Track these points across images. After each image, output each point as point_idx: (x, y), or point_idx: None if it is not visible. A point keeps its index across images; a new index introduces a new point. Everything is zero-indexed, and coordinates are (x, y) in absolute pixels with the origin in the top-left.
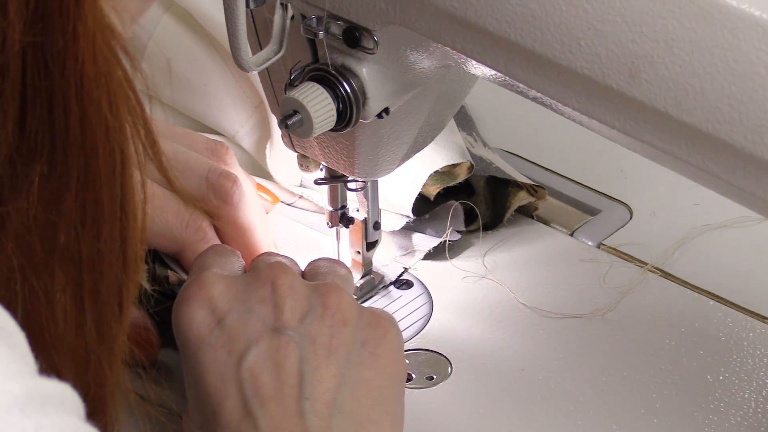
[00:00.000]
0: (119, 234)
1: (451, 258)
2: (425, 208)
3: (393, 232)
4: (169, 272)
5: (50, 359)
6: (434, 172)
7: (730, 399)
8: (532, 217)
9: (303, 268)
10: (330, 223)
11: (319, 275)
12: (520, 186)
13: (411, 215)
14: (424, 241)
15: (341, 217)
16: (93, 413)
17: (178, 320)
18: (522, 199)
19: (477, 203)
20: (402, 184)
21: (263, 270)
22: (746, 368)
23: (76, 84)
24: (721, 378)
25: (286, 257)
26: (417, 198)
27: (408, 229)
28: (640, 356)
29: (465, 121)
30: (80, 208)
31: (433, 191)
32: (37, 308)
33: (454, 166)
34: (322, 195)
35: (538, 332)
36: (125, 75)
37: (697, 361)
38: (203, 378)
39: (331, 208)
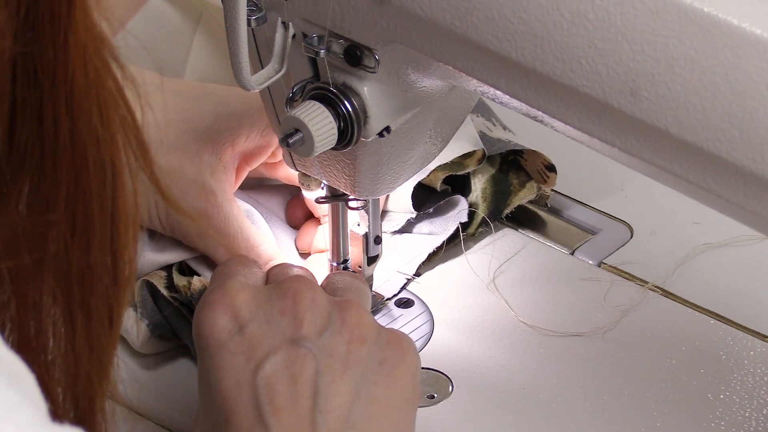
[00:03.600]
0: (110, 247)
1: (451, 278)
2: (426, 198)
3: (394, 236)
4: (195, 278)
5: (40, 372)
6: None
7: (730, 418)
8: (546, 206)
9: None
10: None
11: (338, 291)
12: (523, 183)
13: (413, 212)
14: (424, 244)
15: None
16: (82, 427)
17: (199, 323)
18: (524, 197)
19: (475, 199)
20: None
21: (286, 282)
22: (747, 387)
23: (66, 94)
24: (721, 396)
25: (303, 268)
26: (419, 188)
27: (409, 225)
28: (640, 375)
29: (483, 108)
30: (70, 219)
31: (440, 176)
32: (26, 321)
33: (464, 156)
34: (323, 223)
35: (539, 351)
36: (116, 85)
37: (697, 379)
38: (219, 382)
39: (334, 263)
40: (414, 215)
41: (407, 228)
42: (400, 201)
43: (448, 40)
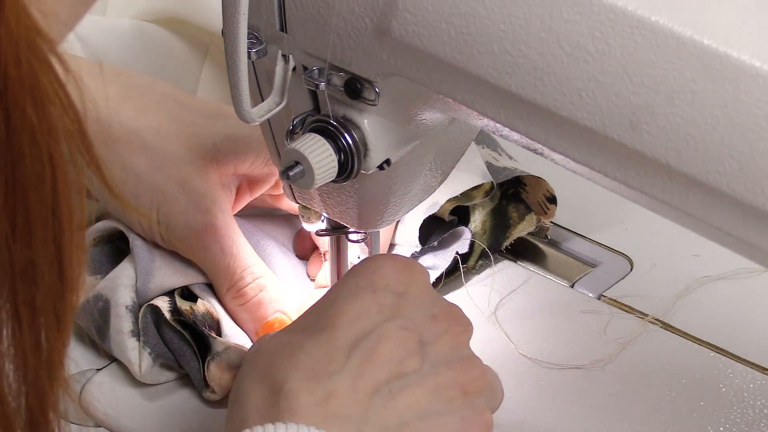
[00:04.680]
0: (52, 241)
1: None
2: (432, 228)
3: None
4: (199, 302)
5: None
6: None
7: None
8: (546, 237)
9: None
10: None
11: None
12: (522, 216)
13: (419, 245)
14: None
15: None
16: (33, 427)
17: (370, 263)
18: (523, 229)
19: (474, 231)
20: (419, 210)
21: (460, 311)
22: (747, 419)
23: None
24: (721, 429)
25: None
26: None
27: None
28: (640, 407)
29: (489, 140)
30: (9, 214)
31: (448, 207)
32: None
33: (473, 189)
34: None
35: (538, 383)
36: (55, 78)
37: (697, 412)
38: (344, 303)
39: None
40: (419, 249)
41: None
42: (407, 234)
43: (449, 73)
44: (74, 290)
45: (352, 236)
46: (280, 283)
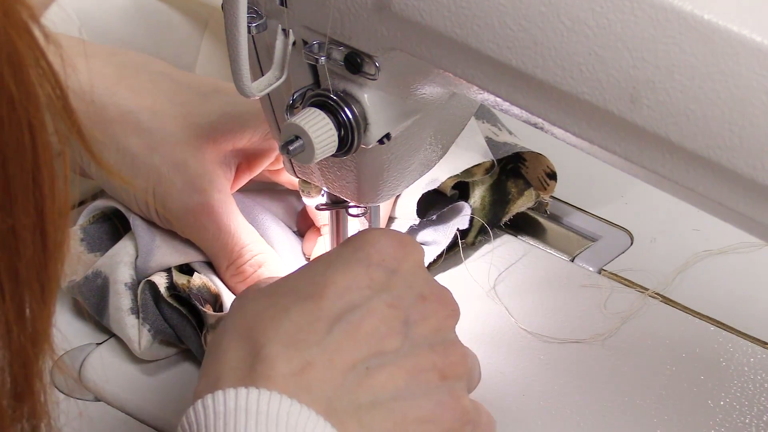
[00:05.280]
0: (34, 209)
1: (452, 286)
2: (433, 203)
3: None
4: (195, 275)
5: None
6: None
7: (731, 424)
8: (546, 213)
9: None
10: None
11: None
12: (521, 191)
13: (416, 219)
14: (427, 251)
15: None
16: (19, 395)
17: (365, 235)
18: (522, 205)
19: (473, 207)
20: (419, 186)
21: (448, 293)
22: (747, 393)
23: None
24: (722, 403)
25: None
26: (429, 193)
27: (412, 232)
28: (640, 381)
29: (488, 114)
30: None
31: (449, 183)
32: None
33: (473, 166)
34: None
35: (538, 357)
36: (35, 44)
37: (697, 386)
38: (334, 274)
39: None
40: (417, 222)
41: (411, 235)
42: (405, 208)
43: (449, 48)
44: (58, 259)
45: (352, 210)
46: (279, 259)
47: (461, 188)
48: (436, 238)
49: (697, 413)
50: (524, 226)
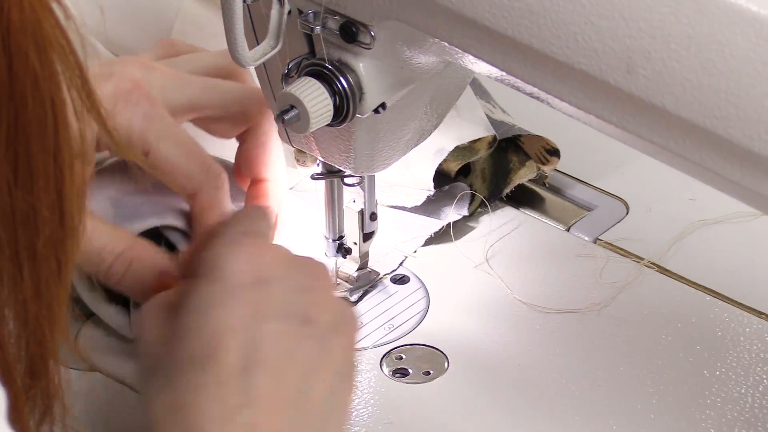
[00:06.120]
0: (54, 187)
1: (448, 255)
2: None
3: (394, 215)
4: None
5: None
6: (455, 147)
7: (726, 394)
8: (545, 185)
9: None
10: (327, 254)
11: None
12: (522, 162)
13: (432, 189)
14: (426, 226)
15: (339, 248)
16: (34, 374)
17: (221, 258)
18: (524, 175)
19: (473, 180)
20: (426, 156)
21: (317, 263)
22: (743, 364)
23: (2, 33)
24: (717, 373)
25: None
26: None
27: (410, 210)
28: (636, 351)
29: (481, 91)
30: (11, 160)
31: (454, 167)
32: None
33: (475, 141)
34: (318, 198)
35: (534, 327)
36: (56, 23)
37: (693, 356)
38: (218, 320)
39: (330, 237)
40: (432, 192)
41: (418, 211)
42: (421, 179)
43: (444, 17)
44: (75, 237)
45: (347, 180)
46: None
47: (463, 168)
48: (427, 226)
49: (693, 383)
50: (519, 195)
